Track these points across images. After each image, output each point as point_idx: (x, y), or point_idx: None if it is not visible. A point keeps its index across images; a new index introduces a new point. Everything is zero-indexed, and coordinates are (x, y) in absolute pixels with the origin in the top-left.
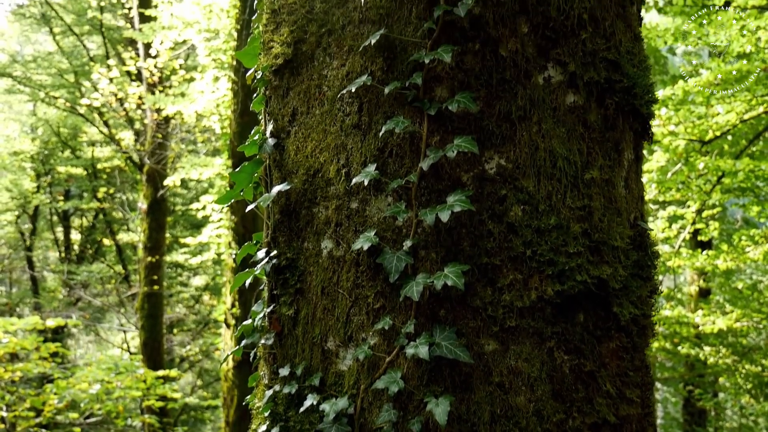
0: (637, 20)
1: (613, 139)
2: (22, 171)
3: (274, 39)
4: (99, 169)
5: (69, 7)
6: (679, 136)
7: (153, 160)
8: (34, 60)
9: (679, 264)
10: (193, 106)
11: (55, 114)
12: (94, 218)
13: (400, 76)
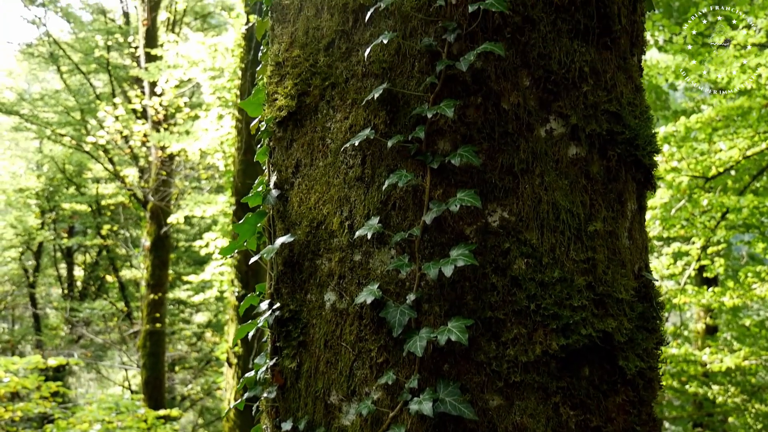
0: (637, 71)
1: (616, 191)
2: (27, 208)
3: (278, 91)
4: (103, 206)
5: (77, 46)
6: (682, 173)
7: (157, 197)
8: (42, 98)
9: (684, 301)
10: (197, 144)
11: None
12: (97, 255)
13: (403, 129)
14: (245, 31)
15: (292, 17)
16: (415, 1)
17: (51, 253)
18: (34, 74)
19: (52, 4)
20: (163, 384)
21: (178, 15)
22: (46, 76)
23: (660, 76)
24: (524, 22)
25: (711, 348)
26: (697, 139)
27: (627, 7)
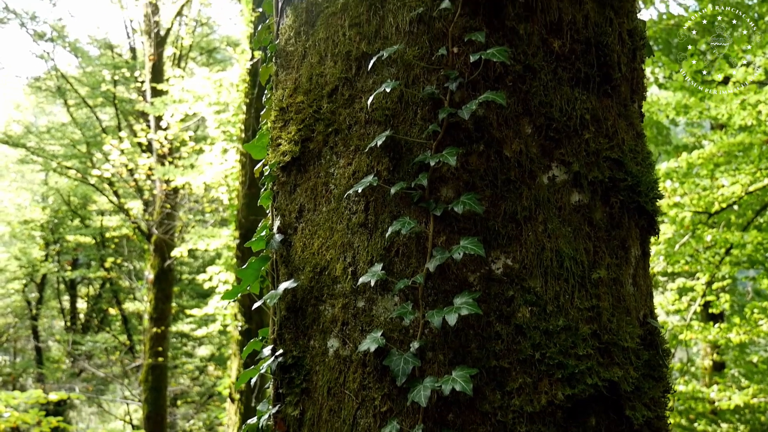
0: (638, 117)
1: (620, 237)
2: (32, 240)
3: (282, 136)
4: (107, 238)
5: (84, 80)
6: (684, 208)
7: (161, 230)
8: (48, 131)
9: (690, 337)
10: (201, 177)
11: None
12: (100, 287)
13: (406, 176)
14: (250, 67)
15: (296, 64)
16: (417, 49)
17: (54, 285)
18: (41, 107)
19: (61, 39)
20: (164, 419)
21: (184, 50)
22: (53, 110)
23: (661, 113)
24: (525, 71)
25: (719, 385)
26: (699, 174)
27: (627, 56)
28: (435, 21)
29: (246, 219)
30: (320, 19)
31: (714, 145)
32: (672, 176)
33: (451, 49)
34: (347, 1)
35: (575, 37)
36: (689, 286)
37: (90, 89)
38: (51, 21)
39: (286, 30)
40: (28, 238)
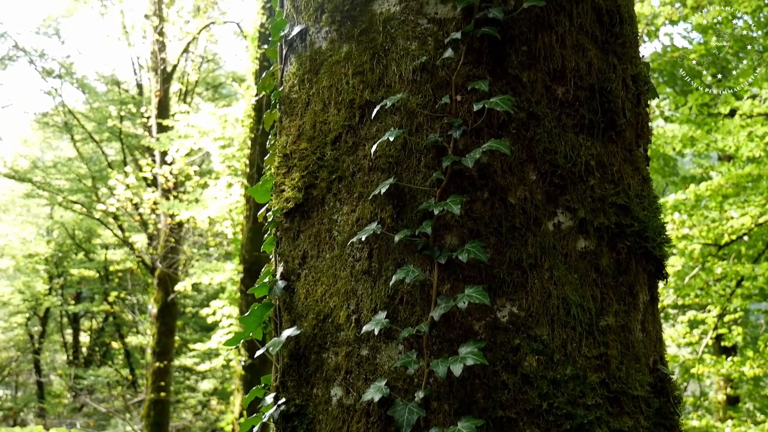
0: (644, 162)
1: (627, 283)
2: (36, 273)
3: (286, 182)
4: (111, 272)
5: (91, 116)
6: (693, 240)
7: (165, 264)
8: (54, 165)
9: (703, 371)
10: (206, 212)
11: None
12: (103, 321)
13: (410, 223)
14: (255, 102)
15: (299, 111)
16: (420, 98)
17: (57, 318)
18: (48, 142)
19: (69, 75)
20: None
21: (190, 85)
22: (59, 144)
23: (667, 145)
24: (529, 118)
25: (734, 420)
26: (707, 207)
27: (631, 101)
28: (438, 69)
29: (250, 253)
30: (324, 67)
31: (722, 176)
32: (680, 208)
33: (454, 97)
34: (351, 50)
35: (579, 84)
36: (700, 318)
37: (96, 124)
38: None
39: (290, 77)
40: (32, 272)
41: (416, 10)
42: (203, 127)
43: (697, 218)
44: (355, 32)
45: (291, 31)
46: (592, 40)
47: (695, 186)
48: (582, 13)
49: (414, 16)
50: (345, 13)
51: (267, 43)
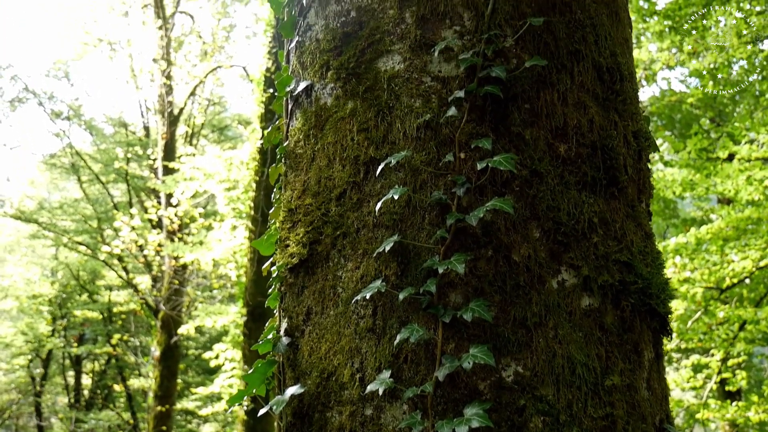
0: (646, 217)
1: (632, 341)
2: (39, 314)
3: (290, 237)
4: (114, 313)
5: (98, 157)
6: (695, 284)
7: (168, 306)
8: (61, 206)
9: (708, 416)
10: (210, 254)
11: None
12: (106, 363)
13: (414, 281)
14: (260, 145)
15: (304, 166)
16: (424, 155)
17: (60, 360)
18: (55, 183)
19: (77, 117)
20: None
21: (196, 128)
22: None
23: (667, 189)
24: (532, 176)
25: None
26: (708, 250)
27: (632, 157)
28: (442, 127)
29: (254, 296)
30: (329, 123)
31: (722, 219)
32: (681, 252)
33: (458, 154)
34: (356, 107)
35: (581, 141)
36: (704, 363)
37: (103, 166)
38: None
39: (295, 132)
40: (35, 313)
41: (420, 68)
42: (208, 169)
43: (698, 262)
44: (360, 89)
45: (297, 87)
46: (594, 98)
47: (696, 229)
48: (583, 71)
49: (418, 74)
50: (350, 70)
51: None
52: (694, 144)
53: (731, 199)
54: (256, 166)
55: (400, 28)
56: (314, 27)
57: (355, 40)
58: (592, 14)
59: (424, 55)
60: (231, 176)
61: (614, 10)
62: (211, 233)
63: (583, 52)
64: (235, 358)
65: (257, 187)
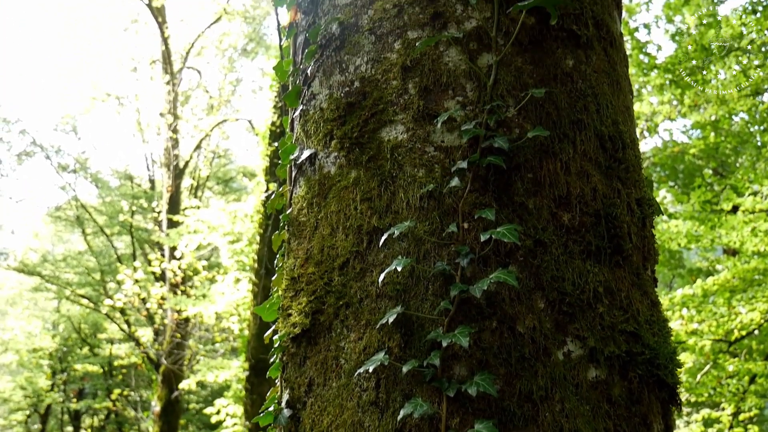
0: (652, 285)
1: (640, 413)
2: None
3: (293, 306)
4: (115, 367)
5: (102, 210)
6: (703, 337)
7: (170, 360)
8: (64, 259)
9: None
10: (213, 307)
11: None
12: (105, 418)
13: (418, 353)
14: (264, 198)
15: (308, 234)
16: (427, 225)
17: (58, 416)
18: (59, 236)
19: (83, 170)
20: None
21: (202, 180)
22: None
23: (672, 241)
24: (536, 246)
25: None
26: (715, 302)
27: (636, 224)
28: (445, 197)
29: (256, 350)
30: (332, 191)
31: (728, 271)
32: (688, 304)
33: (461, 224)
34: (359, 176)
35: (584, 210)
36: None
37: (108, 218)
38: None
39: (299, 200)
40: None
41: (423, 138)
42: (213, 222)
43: (705, 314)
44: (364, 159)
45: (301, 155)
46: (596, 166)
47: (702, 280)
48: (585, 140)
49: (421, 144)
50: (354, 139)
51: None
52: (698, 196)
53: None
54: (261, 219)
55: (403, 98)
56: (318, 96)
57: (359, 110)
58: (593, 84)
59: (427, 125)
60: (235, 229)
61: (615, 79)
62: (215, 286)
63: (585, 121)
64: (237, 414)
65: (261, 239)
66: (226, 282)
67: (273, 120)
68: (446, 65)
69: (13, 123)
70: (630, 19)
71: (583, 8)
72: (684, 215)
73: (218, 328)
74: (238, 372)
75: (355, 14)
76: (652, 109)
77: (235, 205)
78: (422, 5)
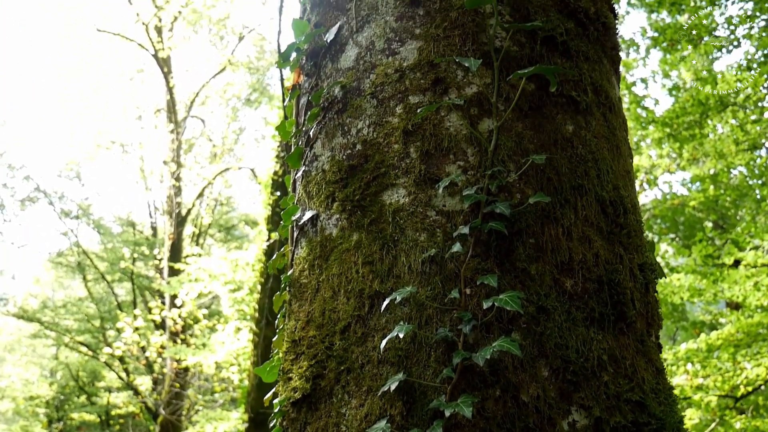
0: (656, 352)
1: None
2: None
3: (293, 370)
4: (112, 416)
5: (104, 256)
6: (709, 392)
7: (168, 410)
8: (64, 305)
9: None
10: (213, 357)
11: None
12: None
13: (420, 422)
14: (266, 247)
15: (309, 296)
16: (429, 290)
17: None
18: (60, 282)
19: (86, 216)
20: None
21: (203, 227)
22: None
23: (675, 295)
24: (539, 312)
25: None
26: (720, 358)
27: (639, 290)
28: (447, 262)
29: (256, 402)
30: (334, 254)
31: (732, 325)
32: (693, 359)
33: (463, 290)
34: (360, 239)
35: (587, 276)
36: None
37: (109, 265)
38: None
39: (300, 261)
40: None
41: (425, 202)
42: (214, 270)
43: (710, 369)
44: (365, 221)
45: (302, 216)
46: (598, 232)
47: (706, 335)
48: (587, 206)
49: (423, 208)
50: (355, 202)
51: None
52: (699, 251)
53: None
54: (262, 268)
55: (405, 162)
56: (321, 158)
57: (361, 173)
58: (593, 149)
59: (428, 190)
60: (236, 277)
61: (615, 144)
62: (215, 335)
63: (585, 186)
64: None
65: (262, 289)
66: (226, 331)
67: (275, 169)
68: (447, 130)
69: (18, 169)
70: (627, 74)
71: (582, 75)
72: (686, 269)
73: (218, 378)
74: (237, 424)
75: (358, 78)
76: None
77: (237, 254)
78: (423, 71)
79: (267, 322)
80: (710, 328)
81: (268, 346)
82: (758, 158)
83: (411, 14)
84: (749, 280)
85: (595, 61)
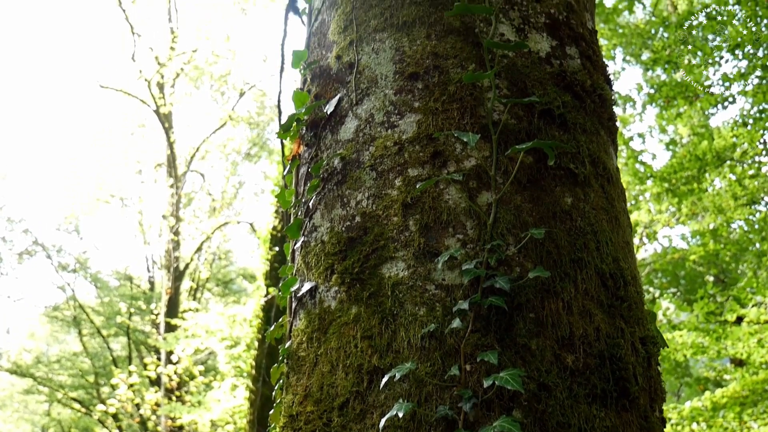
0: (660, 427)
1: None
2: None
3: None
4: None
5: (100, 310)
6: None
7: None
8: (58, 360)
9: None
10: (208, 415)
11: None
12: None
13: None
14: (264, 303)
15: (307, 370)
16: (429, 366)
17: None
18: (55, 336)
19: (83, 270)
20: None
21: (201, 282)
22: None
23: (678, 352)
24: (540, 389)
25: None
26: (726, 417)
27: (642, 365)
28: (447, 337)
29: None
30: (333, 327)
31: (737, 383)
32: (698, 418)
33: (463, 366)
34: (359, 313)
35: (588, 351)
36: None
37: (105, 319)
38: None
39: (298, 333)
40: None
41: (424, 276)
42: (211, 326)
43: (716, 429)
44: (364, 295)
45: (301, 288)
46: (599, 305)
47: (711, 392)
48: (586, 279)
49: (422, 282)
50: (354, 275)
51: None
52: (701, 308)
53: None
54: (260, 323)
55: (404, 235)
56: (320, 229)
57: (360, 245)
58: (592, 221)
59: (427, 263)
60: (233, 333)
61: (614, 215)
62: (210, 393)
63: (585, 259)
64: None
65: (260, 345)
66: (222, 388)
67: (274, 224)
68: (446, 203)
69: (17, 222)
70: (624, 129)
71: (579, 147)
72: (688, 326)
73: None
74: None
75: (357, 150)
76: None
77: (234, 309)
78: (422, 144)
79: (264, 380)
80: (715, 384)
81: (264, 405)
82: (757, 213)
83: (410, 88)
84: (752, 336)
85: (592, 133)
